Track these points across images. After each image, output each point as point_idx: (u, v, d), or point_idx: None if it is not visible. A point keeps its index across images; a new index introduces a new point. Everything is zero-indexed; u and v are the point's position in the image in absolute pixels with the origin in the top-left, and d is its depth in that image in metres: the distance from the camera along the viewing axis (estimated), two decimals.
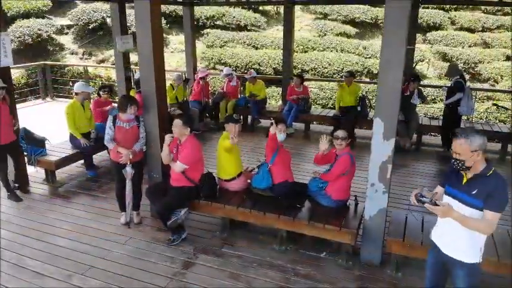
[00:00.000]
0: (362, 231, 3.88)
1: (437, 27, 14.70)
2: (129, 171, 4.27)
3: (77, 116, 5.79)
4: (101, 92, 6.59)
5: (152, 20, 4.09)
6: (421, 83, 8.69)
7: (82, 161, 6.13)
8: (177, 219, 4.02)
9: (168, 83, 8.19)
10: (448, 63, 12.76)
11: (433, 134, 8.38)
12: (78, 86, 5.89)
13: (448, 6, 15.14)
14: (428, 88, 10.46)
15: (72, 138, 5.98)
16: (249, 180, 4.33)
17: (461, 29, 14.89)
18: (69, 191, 5.61)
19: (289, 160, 4.30)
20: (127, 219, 4.51)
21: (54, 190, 5.64)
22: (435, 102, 10.67)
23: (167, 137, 3.99)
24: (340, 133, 3.99)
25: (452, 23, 15.12)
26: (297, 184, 4.31)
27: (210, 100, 8.74)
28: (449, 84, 6.98)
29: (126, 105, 4.17)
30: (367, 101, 7.95)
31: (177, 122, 3.99)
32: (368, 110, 7.94)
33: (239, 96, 9.00)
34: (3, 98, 4.95)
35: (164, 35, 14.74)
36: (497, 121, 9.65)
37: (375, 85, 11.07)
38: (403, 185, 5.67)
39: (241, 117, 8.93)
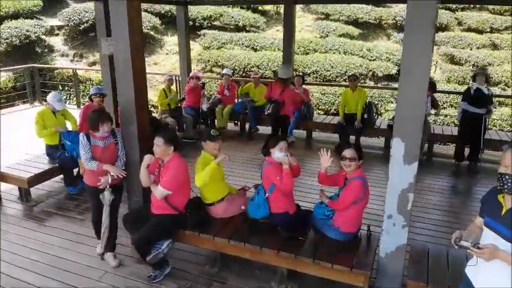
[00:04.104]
0: (377, 269, 3.28)
1: (443, 28, 14.13)
2: (107, 196, 3.66)
3: (46, 124, 5.26)
4: (92, 97, 5.99)
5: (130, 20, 3.51)
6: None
7: (62, 176, 5.55)
8: (158, 253, 3.43)
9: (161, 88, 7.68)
10: (456, 66, 12.25)
11: (447, 143, 7.75)
12: (49, 97, 5.36)
13: (454, 6, 14.58)
14: (441, 94, 9.77)
15: (49, 150, 5.42)
16: (243, 207, 3.73)
17: (469, 29, 14.32)
18: (44, 211, 5.02)
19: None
20: (102, 250, 3.91)
21: (28, 209, 5.06)
22: (444, 108, 10.07)
23: (147, 158, 3.41)
24: (348, 153, 3.31)
25: (459, 23, 14.56)
26: (299, 211, 3.69)
27: (201, 106, 8.08)
28: (485, 92, 6.07)
29: (96, 123, 3.57)
30: (373, 107, 7.35)
31: (159, 140, 3.40)
32: (375, 116, 7.35)
33: (236, 101, 8.41)
34: None
35: (159, 36, 14.17)
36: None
37: (381, 90, 10.58)
38: (415, 203, 5.06)
39: (239, 123, 8.35)
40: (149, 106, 10.59)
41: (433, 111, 6.65)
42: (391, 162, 2.93)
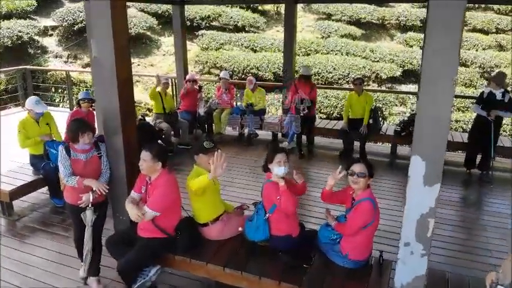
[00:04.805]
0: None
1: None
2: (89, 216, 3.29)
3: (30, 133, 4.88)
4: (80, 102, 5.62)
5: (114, 21, 3.14)
6: None
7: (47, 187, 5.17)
8: (145, 281, 3.06)
9: (156, 92, 7.25)
10: (462, 67, 11.87)
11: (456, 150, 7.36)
12: (27, 104, 4.96)
13: None
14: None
15: (33, 160, 5.05)
16: (240, 229, 3.35)
17: (474, 30, 13.97)
18: (27, 226, 4.65)
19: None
20: (85, 273, 3.54)
21: (10, 225, 4.70)
22: (451, 112, 9.70)
23: (131, 212, 3.09)
24: (357, 167, 2.93)
25: (464, 24, 14.17)
26: (303, 232, 3.31)
27: (198, 110, 7.71)
28: (498, 97, 5.70)
29: (76, 134, 3.20)
30: (378, 112, 6.98)
31: (146, 155, 3.03)
32: (381, 121, 6.97)
33: (235, 104, 8.03)
34: None
35: (156, 36, 13.81)
36: None
37: (386, 94, 10.21)
38: None
39: (238, 128, 7.97)
40: (145, 110, 10.24)
41: None
42: (409, 184, 2.55)
